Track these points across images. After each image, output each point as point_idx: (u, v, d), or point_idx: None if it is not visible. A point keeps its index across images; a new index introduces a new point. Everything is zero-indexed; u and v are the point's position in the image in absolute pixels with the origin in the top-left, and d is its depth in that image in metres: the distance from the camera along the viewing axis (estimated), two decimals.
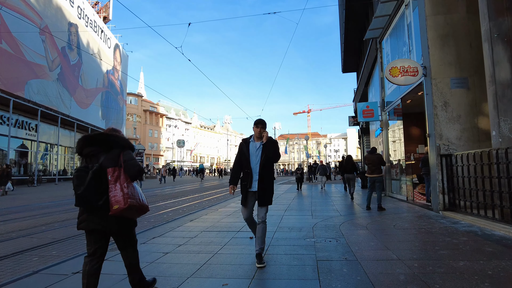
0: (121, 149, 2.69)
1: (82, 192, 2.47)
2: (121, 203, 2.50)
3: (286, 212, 8.36)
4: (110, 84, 39.33)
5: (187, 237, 5.66)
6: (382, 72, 12.97)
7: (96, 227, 2.58)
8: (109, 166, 2.58)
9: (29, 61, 22.90)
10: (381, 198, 8.50)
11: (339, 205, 9.95)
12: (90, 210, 2.57)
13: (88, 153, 2.65)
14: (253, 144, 4.09)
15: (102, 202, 2.52)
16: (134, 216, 2.70)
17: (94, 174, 2.52)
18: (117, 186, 2.54)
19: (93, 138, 2.69)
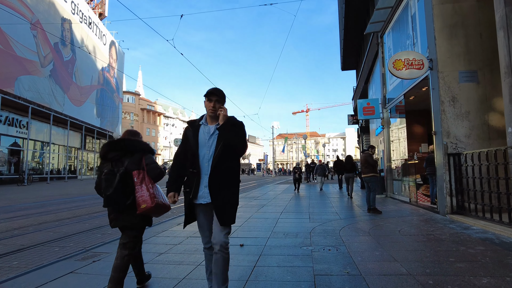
0: (143, 153, 2.90)
1: (111, 193, 2.70)
2: (149, 202, 2.71)
3: (282, 215, 7.80)
4: (105, 81, 38.65)
5: (170, 244, 5.10)
6: (383, 68, 12.44)
7: (125, 224, 2.83)
8: (133, 169, 2.80)
9: (20, 56, 22.25)
10: (374, 200, 7.97)
11: (338, 207, 9.40)
12: (118, 210, 2.78)
13: (113, 158, 2.83)
14: (204, 128, 2.67)
15: (130, 202, 2.75)
16: (157, 214, 2.89)
17: (121, 177, 2.74)
18: (143, 187, 2.76)
19: (117, 144, 2.89)
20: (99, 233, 6.13)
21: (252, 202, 10.75)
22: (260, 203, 10.35)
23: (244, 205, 9.88)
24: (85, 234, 6.14)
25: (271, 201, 11.15)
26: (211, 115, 2.64)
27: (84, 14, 32.36)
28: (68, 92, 29.14)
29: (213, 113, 2.62)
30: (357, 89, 22.31)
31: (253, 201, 11.07)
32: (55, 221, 7.56)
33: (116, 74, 42.39)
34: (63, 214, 8.91)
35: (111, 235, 5.92)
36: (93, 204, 11.20)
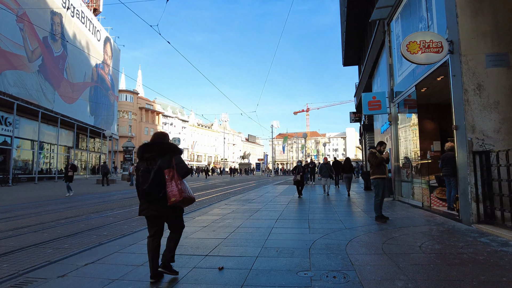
0: (172, 154, 3.38)
1: (147, 187, 3.21)
2: (177, 196, 3.23)
3: (277, 223, 6.70)
4: (99, 78, 37.53)
5: (131, 264, 4.00)
6: (390, 58, 11.33)
7: (154, 213, 3.33)
8: (165, 167, 3.28)
9: (4, 50, 21.11)
10: (377, 207, 6.83)
11: (342, 212, 8.30)
12: (151, 201, 3.28)
13: (148, 157, 3.35)
14: None
15: (162, 195, 3.23)
16: (184, 205, 3.44)
17: (155, 174, 3.23)
18: (173, 183, 3.25)
19: (151, 146, 3.39)
20: (50, 248, 5.03)
21: (245, 206, 9.66)
22: (254, 207, 9.25)
23: (235, 210, 8.79)
24: (28, 251, 5.04)
25: (267, 204, 10.04)
26: None
27: (76, 8, 31.23)
28: (59, 89, 28.00)
29: None
30: (359, 85, 21.21)
31: (246, 205, 9.97)
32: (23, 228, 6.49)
33: (111, 71, 41.26)
34: (11, 224, 7.82)
35: (61, 251, 4.82)
36: (56, 210, 10.12)
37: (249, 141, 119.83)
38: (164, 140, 3.48)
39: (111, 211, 9.58)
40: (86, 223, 7.41)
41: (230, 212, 8.40)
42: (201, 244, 4.94)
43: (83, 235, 6.01)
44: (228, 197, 12.65)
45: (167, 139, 3.53)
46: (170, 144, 3.45)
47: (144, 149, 3.42)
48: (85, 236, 5.93)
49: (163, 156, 3.33)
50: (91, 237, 5.89)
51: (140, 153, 3.43)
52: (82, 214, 8.79)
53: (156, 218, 3.40)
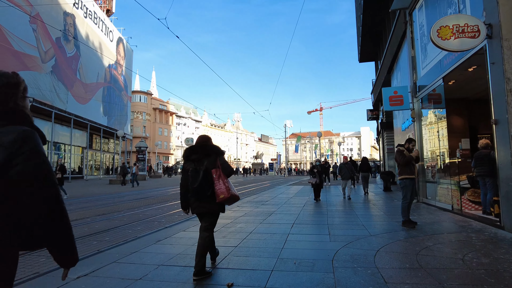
0: (217, 155, 3.60)
1: (197, 186, 3.43)
2: (225, 193, 3.42)
3: (293, 228, 6.12)
4: (112, 79, 37.66)
5: (128, 278, 3.49)
6: (413, 50, 10.58)
7: (204, 210, 3.56)
8: (211, 168, 3.50)
9: (18, 51, 21.21)
10: (405, 211, 6.16)
11: (364, 216, 7.65)
12: (200, 199, 3.48)
13: (194, 159, 3.59)
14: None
15: (210, 193, 3.44)
16: (230, 203, 3.63)
17: (204, 174, 3.45)
18: (220, 182, 3.45)
19: (197, 147, 3.67)
20: (44, 257, 4.58)
21: (259, 209, 9.10)
22: (268, 210, 8.69)
23: (248, 213, 8.24)
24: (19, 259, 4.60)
25: (282, 207, 9.46)
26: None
27: (88, 9, 31.34)
28: (72, 89, 28.10)
29: None
30: (377, 81, 20.37)
31: (260, 207, 9.42)
32: None
33: (124, 72, 41.40)
34: None
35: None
36: None
37: (262, 141, 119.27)
38: (208, 143, 3.74)
39: (118, 213, 9.19)
40: (90, 226, 7.00)
41: (243, 215, 7.87)
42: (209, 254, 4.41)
43: (83, 241, 5.57)
44: (241, 198, 12.12)
45: (210, 142, 3.79)
46: (214, 146, 3.73)
47: (191, 151, 3.69)
48: (85, 242, 5.49)
49: (209, 157, 3.56)
50: (91, 243, 5.44)
51: (186, 155, 3.69)
52: (88, 217, 8.41)
53: (206, 215, 3.62)
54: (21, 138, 1.28)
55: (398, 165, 6.37)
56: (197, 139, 3.79)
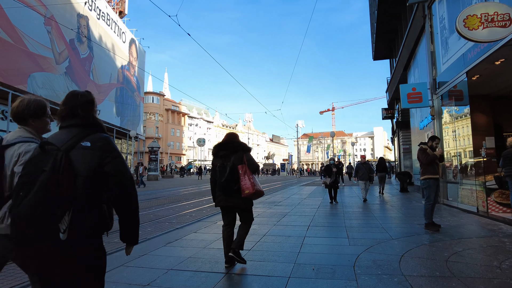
0: (243, 152, 3.74)
1: (224, 181, 3.58)
2: (251, 189, 3.53)
3: (309, 231, 5.82)
4: (125, 80, 37.92)
5: (136, 283, 3.27)
6: (432, 45, 10.14)
7: (229, 204, 3.69)
8: (238, 163, 3.63)
9: (33, 52, 21.43)
10: (428, 213, 5.79)
11: (382, 217, 7.29)
12: (227, 194, 3.62)
13: (222, 155, 3.76)
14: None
15: (236, 188, 3.57)
16: (255, 198, 3.72)
17: (230, 169, 3.60)
18: (246, 178, 3.57)
19: (225, 144, 3.83)
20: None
21: (272, 210, 8.83)
22: (282, 211, 8.41)
23: (261, 214, 7.98)
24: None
25: (295, 208, 9.16)
26: None
27: (101, 10, 31.61)
28: (85, 90, 28.33)
29: None
30: (392, 79, 19.83)
31: (273, 208, 9.14)
32: None
33: (136, 73, 41.68)
34: None
35: None
36: None
37: (273, 141, 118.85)
38: (235, 139, 3.89)
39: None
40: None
41: (255, 216, 7.54)
42: (222, 257, 4.15)
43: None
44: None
45: (238, 139, 3.94)
46: (241, 142, 3.87)
47: (219, 147, 3.85)
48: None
49: (236, 154, 3.70)
50: None
51: (215, 151, 3.87)
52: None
53: (230, 209, 3.77)
54: (107, 143, 1.68)
55: (420, 164, 6.01)
56: (225, 137, 3.97)
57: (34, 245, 1.47)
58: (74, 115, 1.73)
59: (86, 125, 1.72)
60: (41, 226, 1.45)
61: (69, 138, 1.64)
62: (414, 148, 15.03)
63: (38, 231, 1.45)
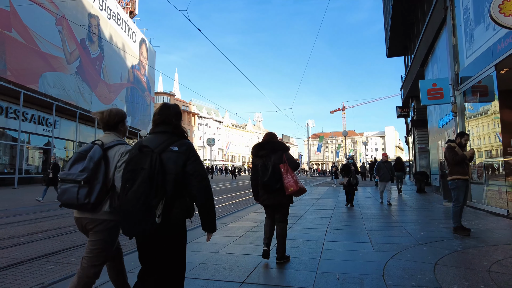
0: (283, 151, 3.85)
1: (267, 180, 3.68)
2: (294, 186, 3.65)
3: (328, 234, 5.44)
4: (136, 79, 38.03)
5: None
6: (454, 38, 9.63)
7: (273, 202, 3.82)
8: (279, 163, 3.73)
9: (44, 52, 21.53)
10: (457, 216, 5.38)
11: (404, 220, 6.86)
12: (269, 192, 3.76)
13: (262, 155, 3.86)
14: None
15: (279, 186, 3.68)
16: (298, 195, 3.81)
17: (273, 168, 3.69)
18: (288, 176, 3.69)
19: (264, 144, 3.95)
20: (53, 263, 4.14)
21: None
22: (296, 212, 8.04)
23: None
24: (27, 266, 4.18)
25: (310, 209, 8.78)
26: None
27: (112, 10, 31.70)
28: (96, 90, 28.44)
29: None
30: (407, 76, 19.23)
31: None
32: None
33: (147, 73, 41.79)
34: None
35: (63, 267, 3.90)
36: None
37: (283, 141, 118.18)
38: (274, 139, 4.02)
39: None
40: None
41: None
42: (236, 264, 3.82)
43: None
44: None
45: (276, 138, 4.06)
46: (280, 142, 3.98)
47: (259, 147, 3.97)
48: None
49: (275, 153, 3.80)
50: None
51: (255, 151, 3.98)
52: None
53: (273, 207, 3.91)
54: (189, 148, 2.04)
55: (448, 163, 5.56)
56: (264, 137, 4.09)
57: (137, 226, 1.85)
58: (166, 123, 2.14)
59: (175, 133, 2.12)
60: (143, 212, 1.82)
61: (161, 142, 2.04)
62: (432, 147, 14.48)
63: (140, 216, 1.83)
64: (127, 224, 1.89)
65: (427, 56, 13.30)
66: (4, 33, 18.43)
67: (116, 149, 2.27)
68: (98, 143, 2.25)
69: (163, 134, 2.10)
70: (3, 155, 20.25)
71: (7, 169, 19.94)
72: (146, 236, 1.93)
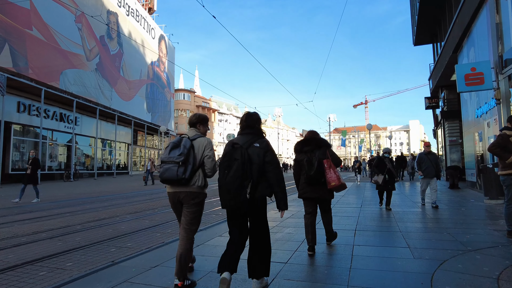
0: (326, 147, 4.08)
1: (313, 174, 3.88)
2: (336, 181, 3.86)
3: (357, 237, 4.77)
4: (155, 76, 38.12)
5: None
6: (498, 15, 8.61)
7: (314, 195, 4.05)
8: (323, 158, 3.93)
9: (64, 50, 21.68)
10: (511, 217, 4.56)
11: (444, 220, 6.06)
12: (312, 185, 3.99)
13: (307, 150, 4.04)
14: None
15: (323, 180, 3.89)
16: (339, 190, 4.05)
17: (318, 163, 3.89)
18: (331, 171, 3.89)
19: (309, 141, 4.13)
20: (45, 269, 3.71)
21: None
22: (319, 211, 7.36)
23: (296, 214, 7.01)
24: (18, 271, 3.76)
25: (334, 207, 8.07)
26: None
27: (130, 7, 31.74)
28: (116, 86, 28.57)
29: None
30: (437, 64, 17.96)
31: None
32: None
33: (166, 69, 41.86)
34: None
35: (57, 273, 3.45)
36: (92, 210, 9.17)
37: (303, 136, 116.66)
38: (318, 136, 4.18)
39: (152, 211, 8.41)
40: (115, 228, 6.16)
41: (290, 216, 6.66)
42: None
43: (101, 247, 4.68)
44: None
45: (319, 136, 4.21)
46: (323, 139, 4.18)
47: (304, 144, 4.15)
48: (102, 249, 4.59)
49: (319, 149, 4.00)
50: (109, 249, 4.53)
51: (300, 148, 4.17)
52: (117, 215, 7.67)
53: (313, 200, 4.11)
54: (267, 144, 2.79)
55: (499, 156, 4.72)
56: (307, 134, 4.24)
57: (233, 201, 2.58)
58: (250, 127, 2.89)
59: (256, 133, 2.86)
60: (238, 189, 2.56)
61: (247, 140, 2.76)
62: (467, 139, 13.32)
63: (236, 192, 2.56)
64: (226, 198, 2.61)
65: (461, 40, 12.17)
66: (25, 31, 18.61)
67: (200, 140, 2.95)
68: (185, 136, 2.95)
69: (248, 134, 2.83)
70: (27, 152, 20.62)
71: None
72: (238, 207, 2.60)
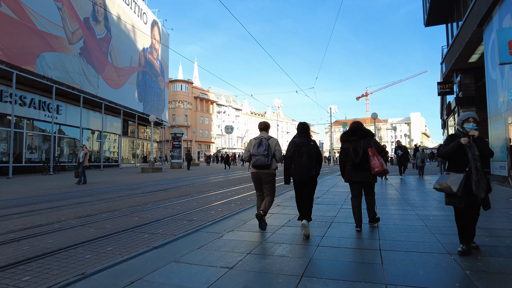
0: (370, 137, 4.66)
1: (359, 160, 4.49)
2: (380, 167, 4.46)
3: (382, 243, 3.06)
4: (148, 63, 36.18)
5: None
6: None
7: (359, 179, 4.66)
8: (368, 147, 4.52)
9: (41, 30, 19.75)
10: None
11: (485, 220, 4.36)
12: (357, 170, 4.61)
13: (353, 140, 4.62)
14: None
15: (368, 166, 4.50)
16: (382, 175, 4.70)
17: (363, 151, 4.50)
18: (375, 158, 4.48)
19: (355, 131, 4.70)
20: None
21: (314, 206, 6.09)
22: (324, 216, 5.68)
23: (293, 219, 5.30)
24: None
25: (342, 209, 6.38)
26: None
27: None
28: (103, 73, 26.66)
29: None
30: (453, 44, 16.14)
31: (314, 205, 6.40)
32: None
33: (160, 57, 39.91)
34: None
35: None
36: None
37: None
38: (362, 127, 4.80)
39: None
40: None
41: (294, 218, 4.98)
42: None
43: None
44: (282, 192, 9.19)
45: (363, 126, 4.81)
46: (368, 130, 4.79)
47: (350, 134, 4.73)
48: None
49: (364, 139, 4.60)
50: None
51: (346, 137, 4.77)
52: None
53: (359, 184, 4.74)
54: (315, 143, 4.54)
55: None
56: (352, 125, 4.84)
57: (306, 176, 4.32)
58: (304, 132, 4.56)
59: (309, 136, 4.55)
60: (308, 170, 4.31)
61: (305, 140, 4.44)
62: (495, 127, 11.50)
63: (307, 171, 4.31)
64: (300, 175, 4.32)
65: (491, 9, 10.36)
66: None
67: (272, 140, 4.77)
68: (263, 137, 4.76)
69: (306, 137, 4.49)
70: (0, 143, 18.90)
71: (5, 158, 18.50)
72: (307, 181, 4.33)
